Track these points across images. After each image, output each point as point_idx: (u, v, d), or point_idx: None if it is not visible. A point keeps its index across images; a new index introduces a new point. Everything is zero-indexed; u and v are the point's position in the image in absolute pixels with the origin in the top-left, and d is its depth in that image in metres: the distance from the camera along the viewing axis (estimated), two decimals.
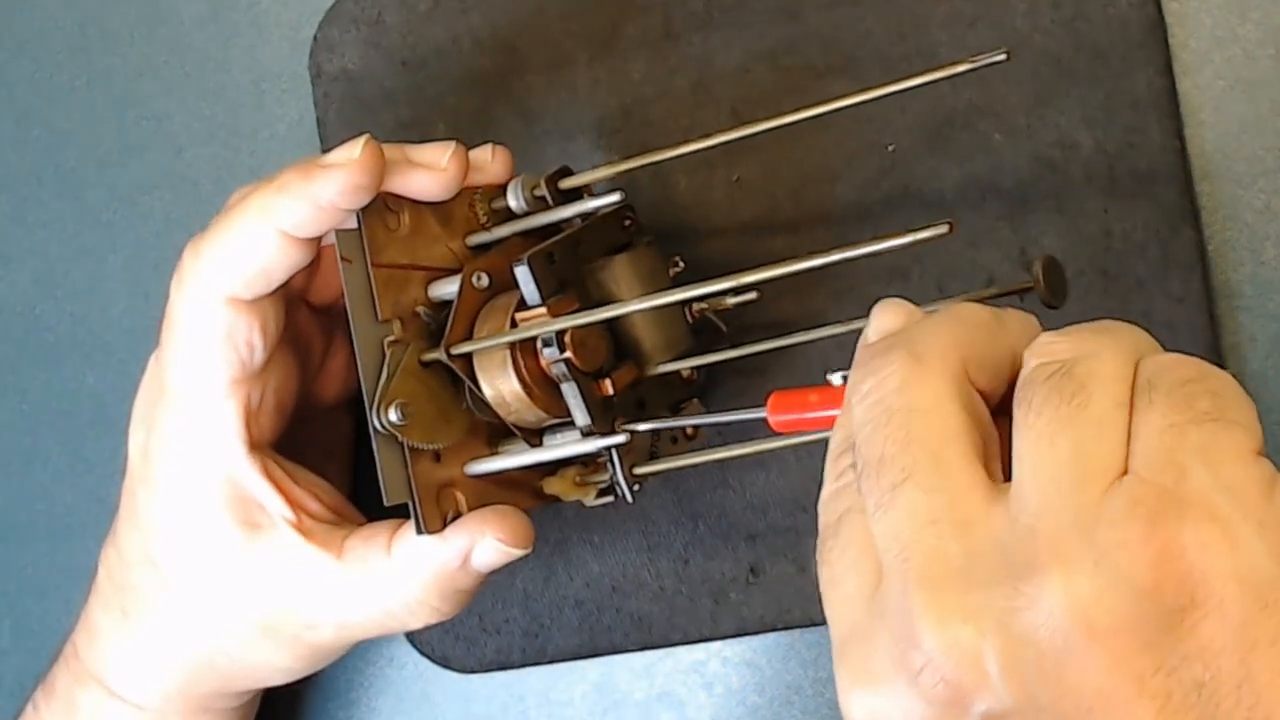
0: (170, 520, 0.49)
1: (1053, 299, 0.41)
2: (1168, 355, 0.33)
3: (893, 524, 0.32)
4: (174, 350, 0.47)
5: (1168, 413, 0.31)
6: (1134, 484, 0.31)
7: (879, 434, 0.33)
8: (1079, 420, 0.31)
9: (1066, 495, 0.31)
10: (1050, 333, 0.34)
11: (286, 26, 0.61)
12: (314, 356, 0.53)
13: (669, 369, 0.49)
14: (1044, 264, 0.41)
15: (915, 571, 0.31)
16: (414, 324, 0.48)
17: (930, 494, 0.32)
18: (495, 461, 0.49)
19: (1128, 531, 0.30)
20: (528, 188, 0.49)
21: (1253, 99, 0.50)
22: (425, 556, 0.47)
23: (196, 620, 0.50)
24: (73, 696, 0.52)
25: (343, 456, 0.56)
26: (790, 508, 0.53)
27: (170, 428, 0.48)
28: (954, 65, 0.43)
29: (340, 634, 0.49)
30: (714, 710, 0.55)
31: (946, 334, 0.35)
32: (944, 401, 0.33)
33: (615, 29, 0.55)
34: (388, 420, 0.46)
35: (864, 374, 0.35)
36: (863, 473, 0.34)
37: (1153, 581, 0.29)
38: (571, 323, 0.46)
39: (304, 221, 0.45)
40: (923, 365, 0.34)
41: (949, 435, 0.33)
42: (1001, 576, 0.31)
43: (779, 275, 0.43)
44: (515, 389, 0.47)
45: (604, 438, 0.47)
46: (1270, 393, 0.50)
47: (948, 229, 0.40)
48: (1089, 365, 0.32)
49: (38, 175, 0.65)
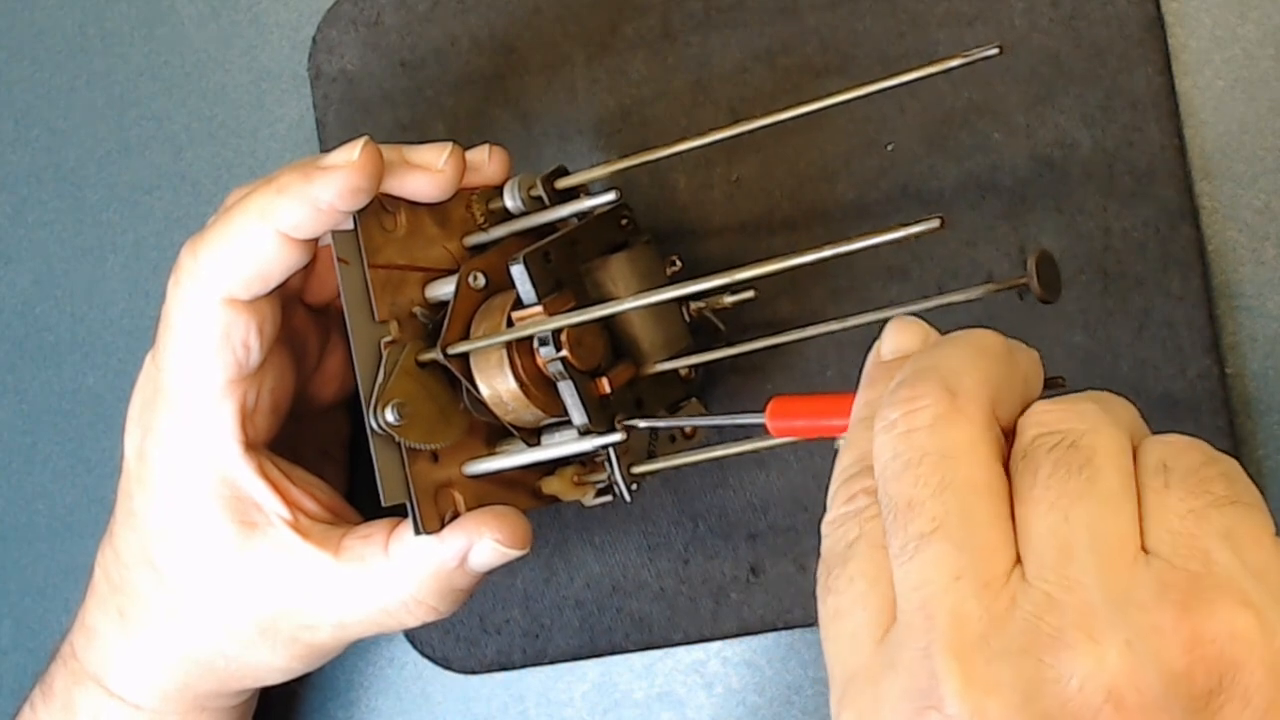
0: (167, 521, 0.49)
1: (1046, 295, 0.41)
2: (1172, 437, 0.34)
3: (918, 574, 0.32)
4: (170, 351, 0.47)
5: (1185, 497, 0.32)
6: (1162, 567, 0.31)
7: (909, 474, 0.33)
8: (1091, 495, 0.32)
9: (1090, 571, 0.31)
10: (1045, 402, 0.34)
11: (286, 27, 0.61)
12: (310, 356, 0.53)
13: (667, 368, 0.49)
14: (1037, 258, 0.40)
15: (940, 632, 0.31)
16: (411, 325, 0.48)
17: (959, 549, 0.32)
18: (493, 461, 0.48)
19: (1161, 615, 0.30)
20: (524, 188, 0.49)
21: (1253, 99, 0.50)
22: (423, 556, 0.47)
23: (194, 620, 0.50)
24: (71, 696, 0.52)
25: (339, 456, 0.56)
26: (790, 507, 0.53)
27: (166, 428, 0.48)
28: (947, 60, 0.43)
29: (337, 633, 0.49)
30: (714, 710, 0.55)
31: (978, 370, 0.34)
32: (978, 447, 0.33)
33: (613, 29, 0.55)
34: (385, 421, 0.46)
35: (893, 402, 0.34)
36: (889, 513, 0.33)
37: (1185, 665, 0.30)
38: (568, 321, 0.46)
39: (302, 222, 0.45)
40: (956, 404, 0.33)
41: (981, 487, 0.33)
42: (1026, 647, 0.31)
43: (773, 271, 0.43)
44: (512, 388, 0.47)
45: (601, 436, 0.47)
46: (1270, 393, 0.50)
47: (939, 224, 0.40)
48: (1092, 440, 0.32)
49: (38, 175, 0.65)
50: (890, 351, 0.37)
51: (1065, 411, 0.33)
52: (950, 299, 0.43)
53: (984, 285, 0.42)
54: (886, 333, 0.38)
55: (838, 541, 0.34)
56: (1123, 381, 0.49)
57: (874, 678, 0.32)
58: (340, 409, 0.55)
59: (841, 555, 0.34)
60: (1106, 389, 0.35)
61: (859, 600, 0.33)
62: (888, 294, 0.52)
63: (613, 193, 0.48)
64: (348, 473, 0.56)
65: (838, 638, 0.34)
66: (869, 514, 0.34)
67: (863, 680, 0.32)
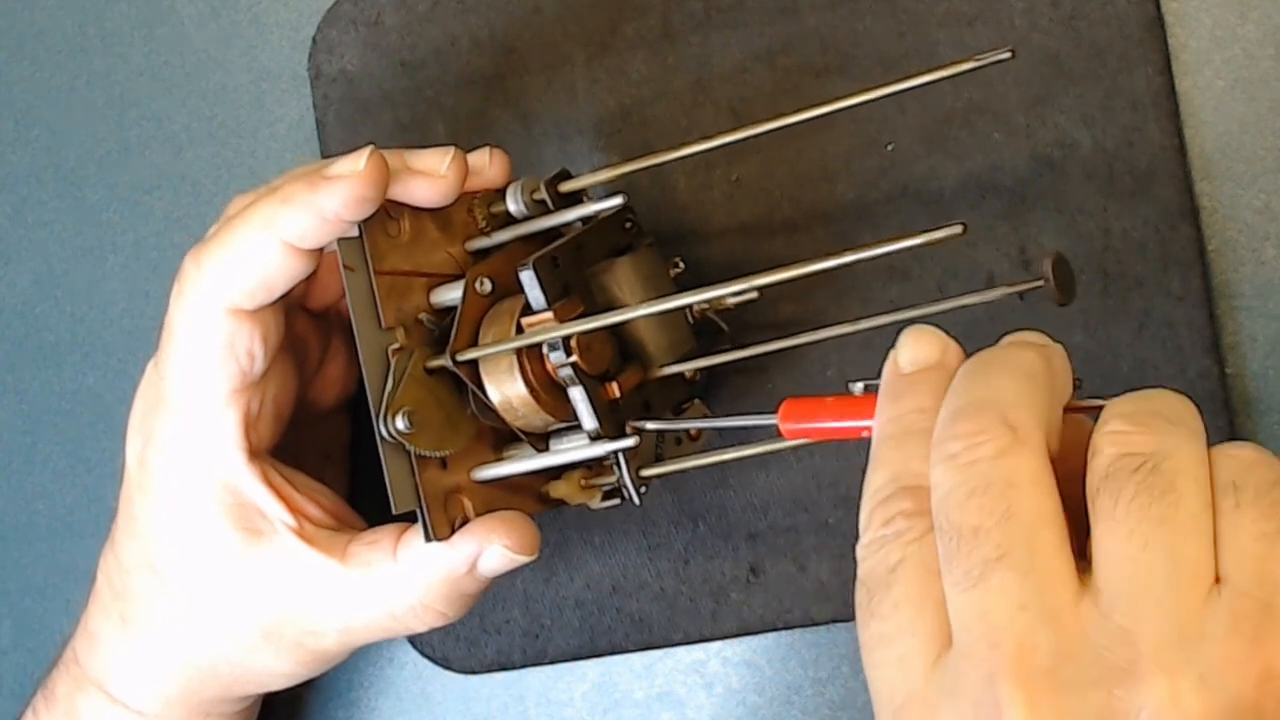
0: (170, 528, 0.49)
1: (1063, 298, 0.40)
2: (1239, 449, 0.33)
3: (981, 602, 0.32)
4: (173, 360, 0.47)
5: (1257, 519, 0.32)
6: (1234, 597, 0.31)
7: (974, 501, 0.33)
8: (1172, 522, 0.32)
9: (1166, 603, 0.31)
10: (1120, 418, 0.34)
11: (286, 27, 0.61)
12: (311, 361, 0.53)
13: (673, 371, 0.49)
14: (1053, 262, 0.40)
15: (1006, 661, 0.31)
16: (417, 331, 0.48)
17: (1025, 577, 0.32)
18: (502, 467, 0.48)
19: (1232, 648, 0.31)
20: (527, 191, 0.49)
21: (1253, 99, 0.50)
22: (432, 562, 0.47)
23: (197, 627, 0.49)
24: (73, 702, 0.52)
25: (340, 459, 0.56)
26: (790, 507, 0.53)
27: (169, 437, 0.48)
28: (958, 64, 0.42)
29: (343, 639, 0.49)
30: (714, 710, 0.55)
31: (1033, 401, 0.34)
32: (1042, 478, 0.33)
33: (613, 29, 0.55)
34: (395, 429, 0.46)
35: (953, 436, 0.34)
36: (950, 540, 0.33)
37: (1254, 699, 0.30)
38: (579, 328, 0.46)
39: (307, 232, 0.45)
40: (1018, 438, 0.33)
41: (1045, 517, 0.32)
42: (1095, 679, 0.31)
43: (788, 278, 0.43)
44: (522, 394, 0.47)
45: (613, 441, 0.47)
46: (1270, 393, 0.50)
47: (962, 229, 0.40)
48: (1175, 463, 0.32)
49: (38, 175, 0.65)
50: (909, 363, 0.37)
51: (1145, 431, 0.33)
52: (965, 301, 0.43)
53: (1000, 288, 0.42)
54: (903, 342, 0.37)
55: (878, 565, 0.34)
56: (1123, 381, 0.49)
57: (931, 705, 0.32)
58: (341, 412, 0.55)
59: (884, 580, 0.34)
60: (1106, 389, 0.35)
61: (907, 626, 0.33)
62: (888, 294, 0.52)
63: (618, 197, 0.48)
64: (349, 476, 0.56)
65: (885, 663, 0.33)
66: (910, 536, 0.34)
67: (918, 707, 0.32)
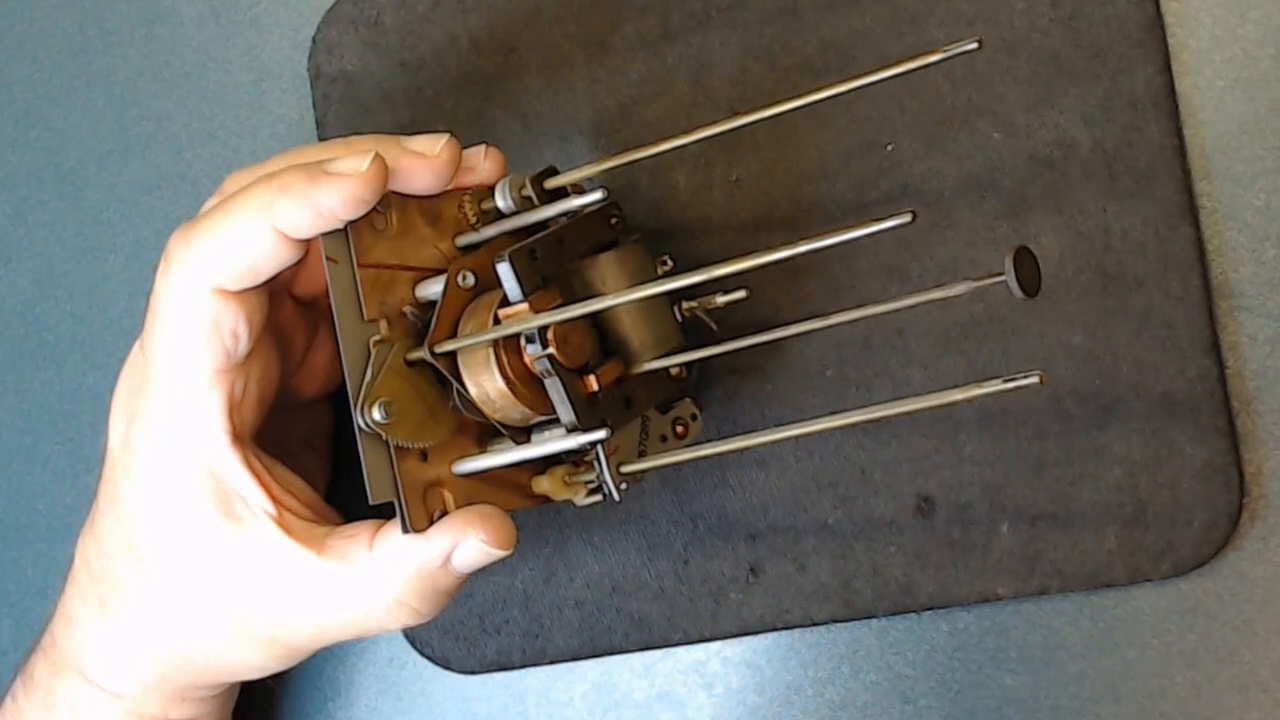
0: (152, 509, 0.49)
1: (1025, 290, 0.40)
2: None
3: None
4: (158, 338, 0.47)
5: None
6: None
7: None
8: None
9: None
10: None
11: (286, 27, 0.61)
12: (296, 349, 0.53)
13: (655, 366, 0.49)
14: (1014, 255, 0.40)
15: None
16: (401, 324, 0.48)
17: None
18: (482, 460, 0.48)
19: None
20: (515, 188, 0.49)
21: (1253, 99, 0.50)
22: (407, 554, 0.47)
23: (175, 611, 0.49)
24: (51, 686, 0.52)
25: (322, 448, 0.56)
26: (790, 507, 0.53)
27: (153, 416, 0.48)
28: (927, 55, 0.42)
29: (316, 634, 0.49)
30: (714, 710, 0.55)
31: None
32: None
33: (613, 29, 0.55)
34: (372, 419, 0.46)
35: None
36: None
37: None
38: (554, 318, 0.46)
39: (301, 223, 0.45)
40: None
41: None
42: None
43: (750, 267, 0.42)
44: (500, 386, 0.47)
45: (585, 433, 0.47)
46: (1270, 393, 0.50)
47: (910, 218, 0.39)
48: None
49: (38, 175, 0.65)
50: None
51: None
52: (930, 296, 0.42)
53: (963, 282, 0.41)
54: None
55: None
56: (1123, 381, 0.49)
57: None
58: (325, 402, 0.55)
59: None
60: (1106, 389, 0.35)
61: None
62: (887, 292, 0.52)
63: (599, 191, 0.48)
64: (331, 466, 0.56)
65: None
66: None
67: None
